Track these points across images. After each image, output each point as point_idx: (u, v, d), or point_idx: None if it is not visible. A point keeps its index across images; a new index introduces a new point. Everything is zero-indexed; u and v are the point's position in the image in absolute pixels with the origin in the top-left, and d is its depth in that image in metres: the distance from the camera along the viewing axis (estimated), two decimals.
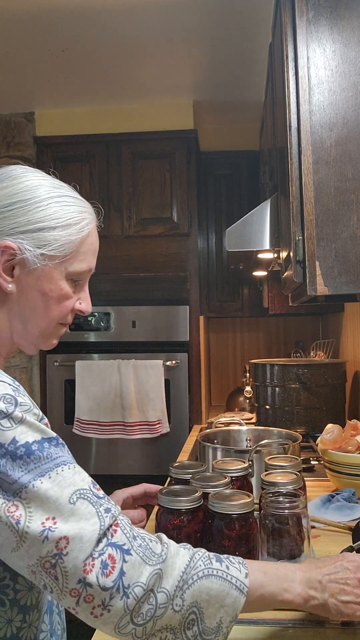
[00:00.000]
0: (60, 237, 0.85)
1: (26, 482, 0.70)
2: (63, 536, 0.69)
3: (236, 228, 1.93)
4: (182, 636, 0.72)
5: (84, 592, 0.69)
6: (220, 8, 2.17)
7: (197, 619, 0.72)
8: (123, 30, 2.32)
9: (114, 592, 0.69)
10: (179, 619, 0.71)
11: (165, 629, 0.71)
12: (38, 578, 0.70)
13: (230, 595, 0.73)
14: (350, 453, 1.49)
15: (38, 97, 2.96)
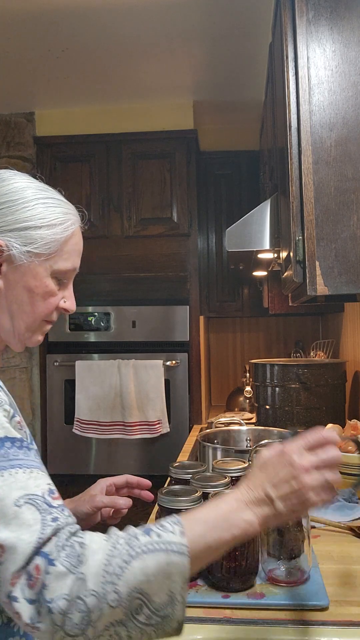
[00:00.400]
0: (46, 235, 0.88)
1: None
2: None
3: (236, 228, 1.93)
4: (134, 623, 0.67)
5: (12, 607, 0.66)
6: (220, 8, 2.17)
7: (143, 602, 0.68)
8: (123, 30, 2.32)
9: (39, 607, 0.65)
10: (122, 611, 0.67)
11: (112, 626, 0.67)
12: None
13: (171, 562, 0.69)
14: (350, 453, 1.49)
15: (38, 97, 2.96)
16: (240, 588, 1.00)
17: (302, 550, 1.03)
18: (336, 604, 0.96)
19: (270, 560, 1.03)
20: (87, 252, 3.54)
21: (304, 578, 1.02)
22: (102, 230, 3.04)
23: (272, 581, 1.02)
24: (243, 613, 0.95)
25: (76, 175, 3.06)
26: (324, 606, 0.95)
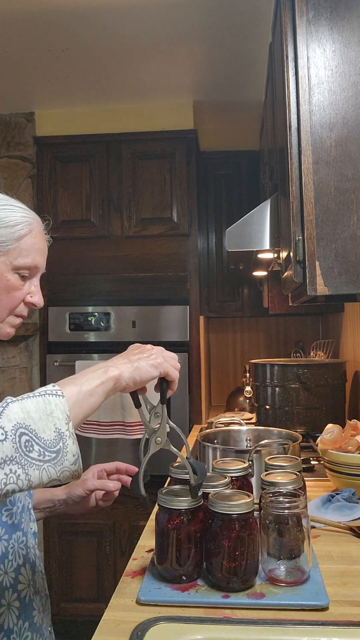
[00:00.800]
0: (2, 235, 0.98)
1: None
2: None
3: (236, 228, 1.93)
4: (28, 461, 0.71)
5: None
6: (220, 8, 2.17)
7: (31, 438, 0.72)
8: (123, 30, 2.32)
9: None
10: (11, 445, 0.70)
11: (5, 462, 0.70)
12: None
13: (48, 402, 0.75)
14: (350, 453, 1.49)
15: (38, 97, 2.96)
16: (240, 588, 1.00)
17: (302, 550, 1.03)
18: (336, 604, 0.96)
19: (270, 560, 1.03)
20: (87, 252, 3.53)
21: (304, 578, 1.02)
22: (102, 230, 3.04)
23: (272, 581, 1.02)
24: (243, 613, 0.95)
25: (76, 175, 3.06)
26: (324, 606, 0.95)
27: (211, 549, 1.02)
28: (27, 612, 1.02)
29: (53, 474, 0.73)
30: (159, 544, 1.06)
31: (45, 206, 3.06)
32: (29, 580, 1.04)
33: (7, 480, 0.70)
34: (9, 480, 0.70)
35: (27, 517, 1.07)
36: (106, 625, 0.92)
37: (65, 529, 3.02)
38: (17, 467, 0.70)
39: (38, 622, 1.05)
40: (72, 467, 0.77)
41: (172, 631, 0.89)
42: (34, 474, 0.71)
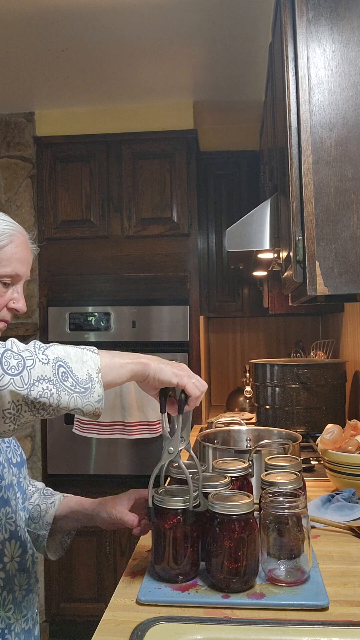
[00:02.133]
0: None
1: None
2: None
3: (236, 228, 1.93)
4: (61, 386, 0.85)
5: None
6: (220, 8, 2.17)
7: (67, 372, 0.86)
8: (123, 30, 2.32)
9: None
10: (50, 370, 0.84)
11: (42, 380, 0.83)
12: None
13: (85, 354, 0.90)
14: (350, 453, 1.49)
15: (38, 97, 2.96)
16: (241, 588, 1.00)
17: (302, 550, 1.03)
18: (336, 604, 0.96)
19: (270, 560, 1.03)
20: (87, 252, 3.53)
21: (304, 578, 1.02)
22: (102, 230, 3.04)
23: (272, 581, 1.02)
24: (243, 613, 0.95)
25: (76, 175, 3.06)
26: (324, 606, 0.95)
27: (211, 549, 1.01)
28: (10, 586, 1.06)
29: (79, 403, 0.86)
30: (155, 544, 1.06)
31: (45, 206, 3.07)
32: (12, 556, 1.08)
33: (43, 393, 0.83)
34: (44, 394, 0.83)
35: (14, 494, 1.10)
36: (106, 625, 0.92)
37: None
38: (52, 387, 0.84)
39: (20, 599, 1.08)
40: (95, 404, 0.89)
41: (172, 631, 0.89)
42: (64, 397, 0.85)
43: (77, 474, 2.92)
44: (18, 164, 3.11)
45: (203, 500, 1.03)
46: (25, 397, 0.81)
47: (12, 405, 0.81)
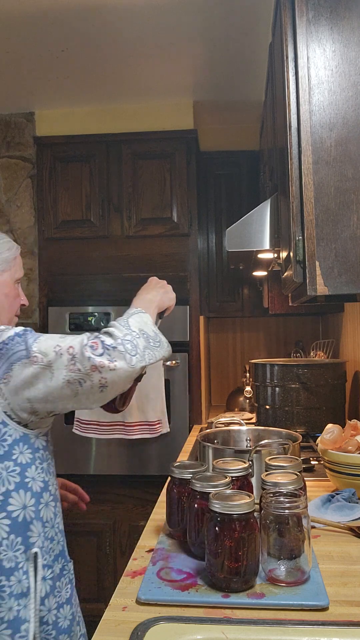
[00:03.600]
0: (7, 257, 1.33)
1: None
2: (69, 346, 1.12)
3: (236, 228, 1.93)
4: (152, 347, 1.19)
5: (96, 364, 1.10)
6: (220, 8, 2.17)
7: (147, 336, 1.21)
8: (123, 31, 2.32)
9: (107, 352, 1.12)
10: (144, 340, 1.19)
11: (146, 349, 1.17)
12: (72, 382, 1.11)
13: (142, 316, 1.25)
14: (350, 453, 1.49)
15: (38, 97, 2.96)
16: (241, 588, 1.00)
17: (302, 550, 1.03)
18: (336, 604, 0.97)
19: (270, 560, 1.04)
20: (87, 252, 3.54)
21: (304, 578, 1.03)
22: (102, 230, 3.04)
23: (272, 581, 1.03)
24: (243, 613, 0.95)
25: (76, 175, 3.06)
26: (324, 606, 0.95)
27: (212, 549, 1.02)
28: (19, 530, 1.13)
29: (164, 353, 1.23)
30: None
31: (45, 206, 3.07)
32: (24, 504, 1.14)
33: (150, 358, 1.17)
34: (150, 359, 1.17)
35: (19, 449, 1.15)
36: (106, 625, 0.93)
37: (65, 528, 3.02)
38: (150, 351, 1.18)
39: (36, 543, 1.15)
40: (169, 349, 1.26)
41: (172, 631, 0.89)
42: (157, 354, 1.20)
43: (77, 474, 2.91)
44: (18, 164, 3.11)
45: None
46: (145, 365, 1.16)
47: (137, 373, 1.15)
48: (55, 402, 1.13)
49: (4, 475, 1.12)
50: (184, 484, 1.24)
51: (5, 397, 1.11)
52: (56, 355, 1.11)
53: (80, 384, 1.10)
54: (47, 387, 1.11)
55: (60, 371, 1.10)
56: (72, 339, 1.13)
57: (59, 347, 1.12)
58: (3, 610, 1.08)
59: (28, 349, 1.12)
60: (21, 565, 1.12)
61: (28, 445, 1.16)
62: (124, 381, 1.12)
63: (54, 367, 1.10)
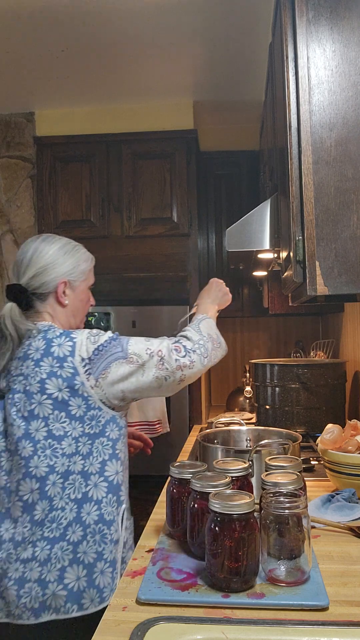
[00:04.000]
0: (85, 267, 1.56)
1: None
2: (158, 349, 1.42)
3: (236, 228, 1.93)
4: (215, 349, 1.51)
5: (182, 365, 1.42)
6: (220, 8, 2.17)
7: (213, 339, 1.53)
8: (123, 31, 2.32)
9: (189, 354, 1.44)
10: (211, 343, 1.51)
11: (214, 350, 1.51)
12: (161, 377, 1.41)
13: (208, 322, 1.58)
14: (350, 453, 1.49)
15: (38, 97, 2.96)
16: (241, 588, 1.00)
17: (302, 550, 1.03)
18: (336, 604, 0.96)
19: (270, 560, 1.03)
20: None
21: (304, 578, 1.03)
22: (102, 230, 3.04)
23: (272, 581, 1.03)
24: (243, 613, 0.95)
25: (76, 175, 3.06)
26: (324, 606, 0.95)
27: (212, 549, 1.01)
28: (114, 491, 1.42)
29: (223, 352, 1.56)
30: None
31: (45, 206, 3.07)
32: (116, 470, 1.43)
33: (214, 358, 1.50)
34: (214, 358, 1.51)
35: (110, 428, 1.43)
36: (106, 625, 0.92)
37: None
38: (215, 352, 1.51)
39: (124, 501, 1.46)
40: (226, 349, 1.58)
41: (172, 631, 0.89)
42: (218, 354, 1.53)
43: None
44: (18, 164, 3.11)
45: None
46: (212, 364, 1.50)
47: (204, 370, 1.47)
48: (142, 392, 1.41)
49: (100, 449, 1.39)
50: (183, 484, 1.24)
51: (102, 389, 1.37)
52: (149, 357, 1.39)
53: (166, 379, 1.40)
54: (138, 381, 1.38)
55: (150, 370, 1.38)
56: (158, 343, 1.43)
57: (150, 350, 1.40)
58: (106, 553, 1.34)
59: (124, 350, 1.39)
60: (115, 519, 1.39)
61: (115, 424, 1.42)
62: (196, 376, 1.47)
63: (146, 366, 1.38)
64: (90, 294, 1.59)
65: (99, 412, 1.38)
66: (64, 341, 1.39)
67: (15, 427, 1.36)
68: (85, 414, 1.37)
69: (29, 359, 1.38)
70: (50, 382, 1.35)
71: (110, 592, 1.34)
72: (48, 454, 1.35)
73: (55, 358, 1.37)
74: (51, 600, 1.30)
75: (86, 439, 1.38)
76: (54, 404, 1.35)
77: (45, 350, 1.38)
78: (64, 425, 1.36)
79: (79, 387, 1.36)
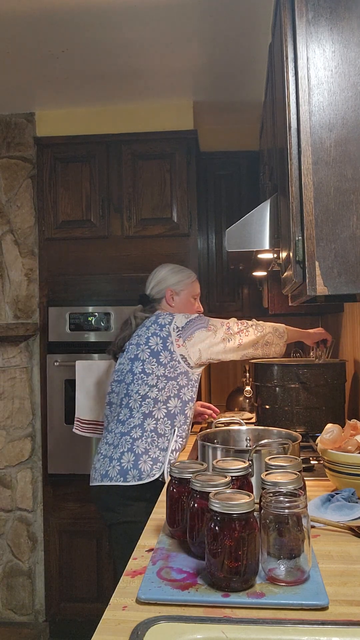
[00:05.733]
0: (184, 281, 2.26)
1: None
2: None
3: (236, 228, 1.93)
4: (277, 339, 2.21)
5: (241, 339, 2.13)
6: (220, 8, 2.18)
7: (274, 336, 2.19)
8: (123, 31, 2.33)
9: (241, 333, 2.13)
10: (271, 335, 2.19)
11: (270, 341, 2.19)
12: None
13: (278, 328, 2.24)
14: (350, 453, 1.49)
15: (38, 97, 2.96)
16: (241, 587, 1.00)
17: (301, 550, 1.03)
18: (336, 604, 0.97)
19: (270, 560, 1.04)
20: (87, 252, 3.54)
21: (303, 578, 1.03)
22: (102, 231, 3.04)
23: (272, 581, 1.03)
24: (243, 612, 0.95)
25: (76, 176, 3.06)
26: (323, 606, 0.95)
27: (212, 548, 1.02)
28: (170, 417, 2.08)
29: (279, 348, 2.21)
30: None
31: (46, 206, 3.07)
32: (175, 405, 2.09)
33: (272, 344, 2.18)
34: (271, 343, 2.18)
35: (181, 378, 2.10)
36: (106, 624, 0.93)
37: (65, 528, 3.02)
38: (272, 337, 2.17)
39: (176, 425, 2.09)
40: (283, 345, 2.22)
41: (172, 631, 0.89)
42: (275, 340, 2.19)
43: (77, 473, 2.92)
44: (18, 164, 3.11)
45: None
46: (268, 348, 2.18)
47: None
48: (212, 352, 2.06)
49: (170, 388, 2.04)
50: (184, 484, 1.24)
51: (187, 348, 2.04)
52: (221, 325, 2.09)
53: (229, 341, 2.07)
54: (211, 342, 2.05)
55: (220, 333, 2.06)
56: (228, 321, 2.12)
57: (223, 322, 2.10)
58: (151, 451, 1.99)
59: (207, 323, 2.08)
60: (166, 434, 2.03)
61: (186, 376, 2.07)
62: (253, 346, 2.12)
63: (217, 332, 2.06)
64: (193, 302, 2.27)
65: (177, 364, 2.05)
66: (167, 316, 2.11)
67: (123, 364, 2.11)
68: (169, 363, 2.04)
69: (143, 327, 2.13)
70: (153, 338, 2.06)
71: (147, 477, 1.95)
72: (139, 383, 2.04)
73: (159, 325, 2.09)
74: (110, 471, 1.98)
75: (164, 379, 2.04)
76: (150, 353, 2.05)
77: (154, 321, 2.11)
78: (153, 366, 2.04)
79: (169, 345, 2.04)
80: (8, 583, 3.04)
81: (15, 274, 3.10)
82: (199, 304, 2.29)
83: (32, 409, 3.09)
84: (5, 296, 3.10)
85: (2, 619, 3.02)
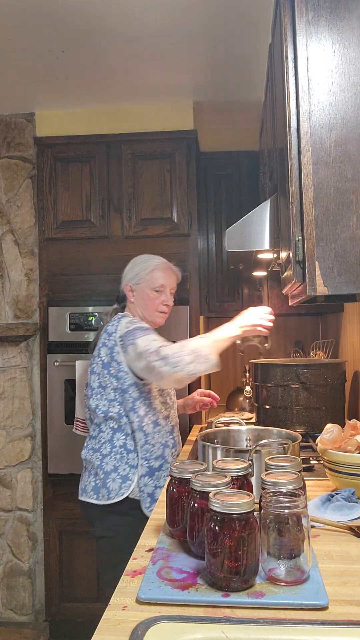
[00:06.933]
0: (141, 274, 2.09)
1: None
2: None
3: (236, 228, 1.93)
4: (200, 362, 1.83)
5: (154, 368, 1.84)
6: (220, 9, 2.18)
7: (199, 354, 1.84)
8: (123, 31, 2.33)
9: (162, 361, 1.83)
10: (193, 356, 1.82)
11: (191, 362, 1.81)
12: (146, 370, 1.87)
13: (202, 342, 1.90)
14: (350, 453, 1.49)
15: (38, 97, 2.96)
16: (241, 587, 1.00)
17: (301, 550, 1.03)
18: (336, 604, 0.97)
19: (270, 560, 1.04)
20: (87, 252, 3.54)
21: (303, 578, 1.03)
22: (102, 231, 3.04)
23: (272, 580, 1.03)
24: (243, 612, 0.95)
25: (76, 176, 3.06)
26: (323, 606, 0.95)
27: (212, 548, 1.02)
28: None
29: (207, 367, 1.83)
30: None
31: (46, 206, 3.07)
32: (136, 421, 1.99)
33: (194, 371, 1.82)
34: (196, 370, 1.82)
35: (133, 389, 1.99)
36: (106, 624, 0.93)
37: (65, 528, 3.02)
38: (195, 367, 1.81)
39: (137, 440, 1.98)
40: (214, 368, 1.86)
41: (172, 630, 0.90)
42: (202, 367, 1.83)
43: (77, 473, 2.90)
44: (18, 164, 3.11)
45: None
46: (192, 374, 1.84)
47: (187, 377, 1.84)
48: (133, 366, 1.92)
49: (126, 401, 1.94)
50: (184, 484, 1.24)
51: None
52: (146, 344, 1.91)
53: (150, 371, 1.88)
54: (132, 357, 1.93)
55: (139, 349, 1.91)
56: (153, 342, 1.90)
57: (152, 339, 1.92)
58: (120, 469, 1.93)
59: (138, 335, 1.94)
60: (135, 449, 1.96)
61: (137, 389, 1.94)
62: (172, 379, 1.85)
63: (138, 348, 1.92)
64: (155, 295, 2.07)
65: (125, 375, 1.93)
66: (114, 322, 2.00)
67: (88, 376, 2.03)
68: (117, 374, 1.94)
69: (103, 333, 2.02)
70: (103, 349, 1.98)
71: (116, 496, 1.89)
72: (99, 398, 1.97)
73: (107, 333, 1.99)
74: (87, 486, 1.97)
75: (120, 392, 1.94)
76: (102, 365, 1.96)
77: (105, 328, 2.02)
78: (106, 379, 1.95)
79: (115, 355, 1.94)
80: (8, 583, 3.04)
81: (15, 274, 3.10)
82: (166, 297, 2.07)
83: (32, 409, 3.09)
84: (5, 296, 3.10)
85: (2, 619, 3.02)
